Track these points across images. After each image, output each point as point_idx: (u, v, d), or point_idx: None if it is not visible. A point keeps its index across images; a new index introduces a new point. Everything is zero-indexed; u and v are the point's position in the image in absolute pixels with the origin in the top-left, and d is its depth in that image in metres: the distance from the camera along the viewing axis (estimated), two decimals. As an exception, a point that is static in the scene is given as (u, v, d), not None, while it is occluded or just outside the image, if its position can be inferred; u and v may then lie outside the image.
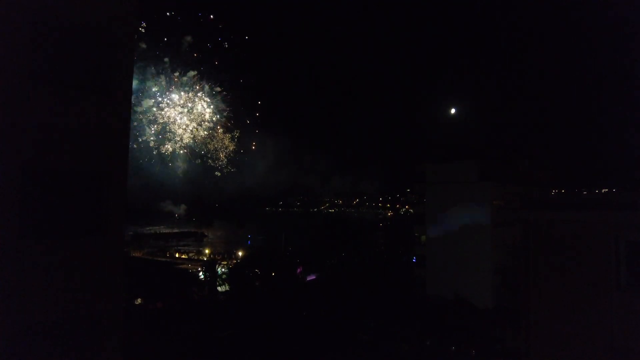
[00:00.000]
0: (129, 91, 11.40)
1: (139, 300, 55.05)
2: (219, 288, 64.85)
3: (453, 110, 66.92)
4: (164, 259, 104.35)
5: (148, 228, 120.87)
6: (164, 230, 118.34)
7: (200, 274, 71.88)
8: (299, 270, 70.94)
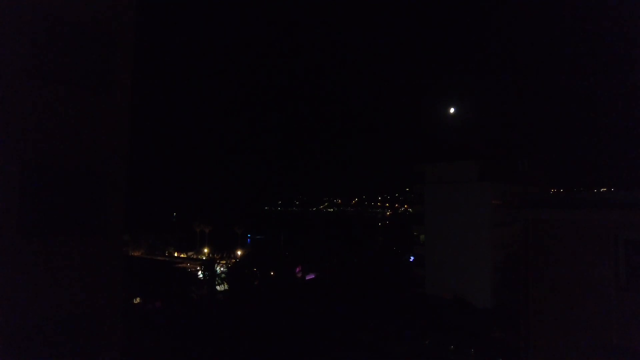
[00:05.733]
0: (129, 89, 11.37)
1: (137, 300, 55.01)
2: (217, 287, 64.83)
3: (452, 110, 66.88)
4: (162, 258, 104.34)
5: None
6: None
7: (199, 273, 71.86)
8: (298, 270, 70.95)
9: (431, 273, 62.25)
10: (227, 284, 64.65)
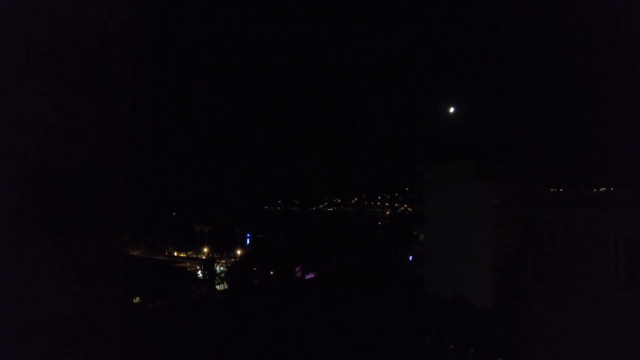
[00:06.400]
0: (129, 88, 11.36)
1: (137, 299, 55.04)
2: (217, 287, 64.88)
3: (452, 110, 66.92)
4: (162, 258, 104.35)
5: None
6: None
7: (199, 272, 71.90)
8: (297, 269, 71.01)
9: (431, 272, 62.29)
10: (227, 283, 64.71)
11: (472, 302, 53.77)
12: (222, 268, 72.82)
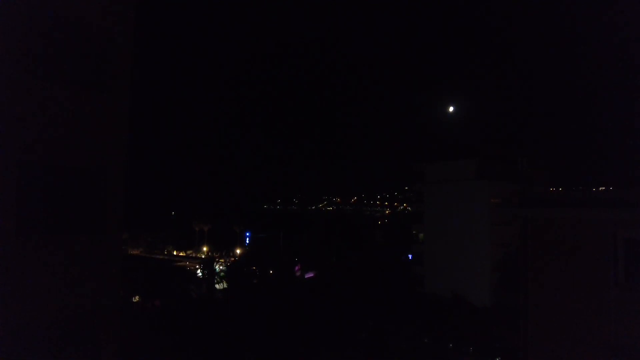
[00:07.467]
0: (128, 87, 11.35)
1: (136, 298, 55.07)
2: (217, 286, 64.92)
3: (451, 109, 66.88)
4: (161, 257, 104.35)
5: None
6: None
7: (198, 271, 71.93)
8: (297, 268, 71.00)
9: (430, 272, 62.32)
10: (226, 282, 64.73)
11: (471, 301, 53.76)
12: (221, 267, 72.87)
